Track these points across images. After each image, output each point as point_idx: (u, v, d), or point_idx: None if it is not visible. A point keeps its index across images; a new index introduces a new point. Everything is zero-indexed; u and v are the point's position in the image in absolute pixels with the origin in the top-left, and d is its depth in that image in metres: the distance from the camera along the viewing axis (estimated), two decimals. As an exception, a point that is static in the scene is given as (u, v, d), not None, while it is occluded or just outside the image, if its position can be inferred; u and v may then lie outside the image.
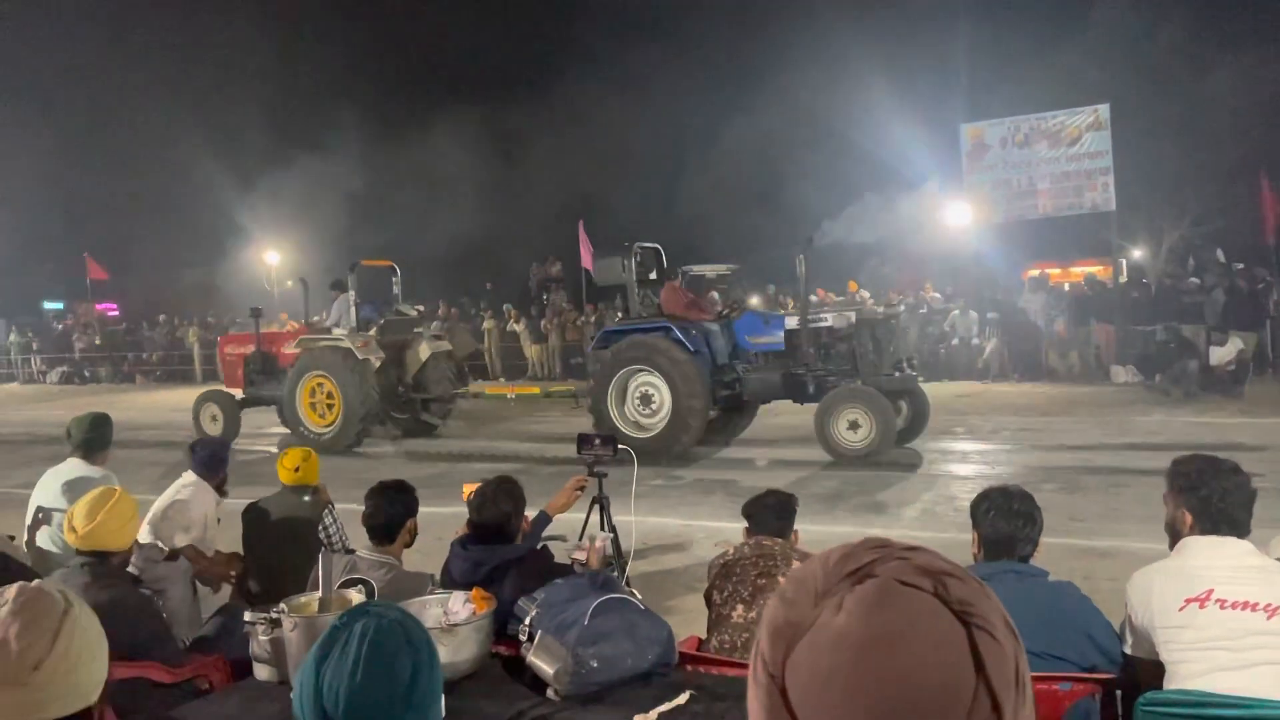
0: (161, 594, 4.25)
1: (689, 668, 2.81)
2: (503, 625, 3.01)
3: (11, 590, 1.65)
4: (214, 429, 13.19)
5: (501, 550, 3.30)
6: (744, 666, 2.83)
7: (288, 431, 13.28)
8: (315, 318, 14.50)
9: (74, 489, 4.27)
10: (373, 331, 13.16)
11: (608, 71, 35.29)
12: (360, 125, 30.02)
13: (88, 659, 1.64)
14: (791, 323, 10.75)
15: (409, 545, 3.60)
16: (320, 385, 12.81)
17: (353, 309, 13.18)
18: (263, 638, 2.88)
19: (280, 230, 27.94)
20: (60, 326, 30.06)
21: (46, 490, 4.62)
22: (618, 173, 31.55)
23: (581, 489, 4.19)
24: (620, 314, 12.01)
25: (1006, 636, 0.73)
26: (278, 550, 4.57)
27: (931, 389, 16.52)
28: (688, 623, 4.49)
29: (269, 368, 14.01)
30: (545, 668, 2.61)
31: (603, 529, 4.24)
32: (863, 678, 0.69)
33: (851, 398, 9.95)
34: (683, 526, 7.51)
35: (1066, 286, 19.71)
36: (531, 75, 37.64)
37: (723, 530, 7.32)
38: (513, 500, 3.42)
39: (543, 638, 2.71)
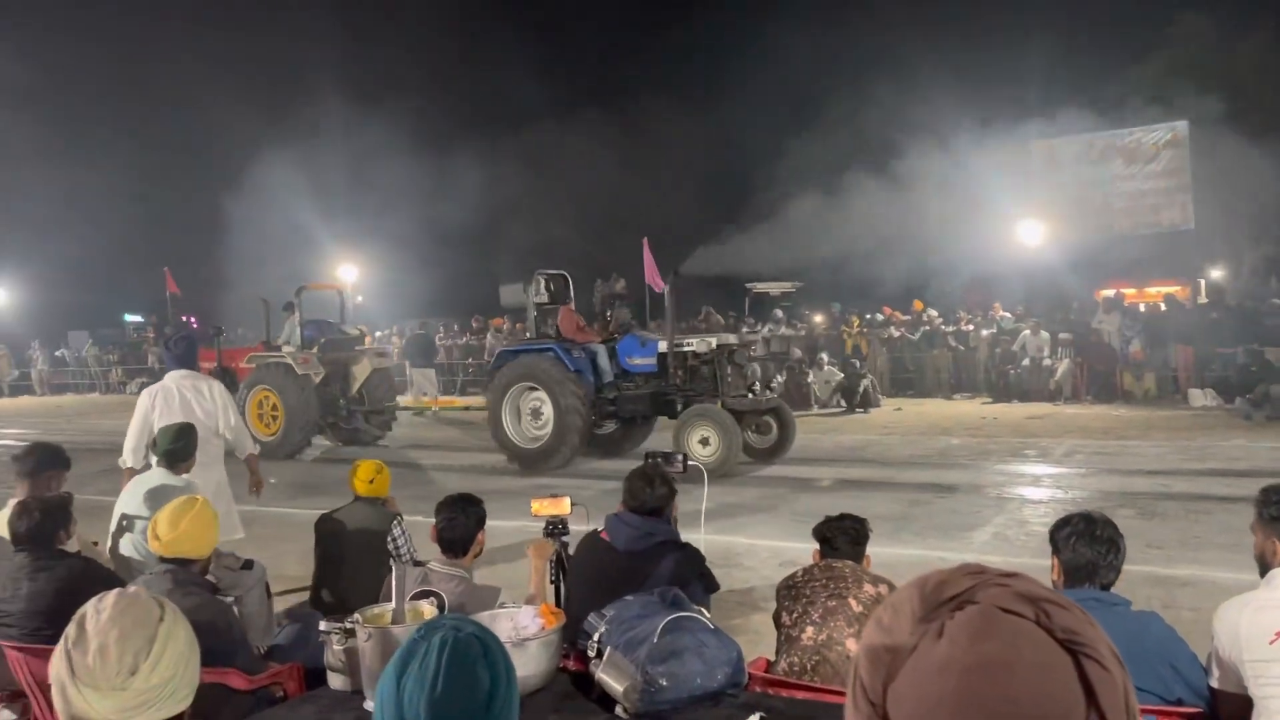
0: (238, 601, 4.35)
1: (758, 689, 2.79)
2: (571, 640, 3.02)
3: (110, 597, 1.72)
4: None
5: (669, 528, 3.40)
6: (814, 690, 2.81)
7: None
8: (278, 337, 15.45)
9: (157, 497, 4.40)
10: (314, 349, 14.42)
11: (673, 86, 35.53)
12: (430, 142, 30.59)
13: (182, 665, 1.70)
14: (663, 346, 11.75)
15: (477, 557, 3.65)
16: (266, 398, 14.00)
17: (298, 328, 14.57)
18: (337, 647, 2.93)
19: (356, 245, 28.54)
20: (138, 338, 31.01)
21: (130, 498, 4.76)
22: (684, 188, 31.66)
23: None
24: (529, 334, 13.15)
25: (1114, 665, 0.72)
26: (352, 561, 4.65)
27: (1001, 410, 16.27)
28: (753, 643, 4.45)
29: (229, 382, 14.35)
30: (614, 685, 2.61)
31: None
32: (969, 706, 0.69)
33: (703, 416, 10.98)
34: (748, 545, 7.46)
35: (1142, 307, 19.22)
36: (595, 91, 38.01)
37: (787, 550, 7.25)
38: (669, 487, 3.51)
39: (612, 654, 2.71)
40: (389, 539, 4.72)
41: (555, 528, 3.97)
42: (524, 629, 2.94)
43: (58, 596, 3.52)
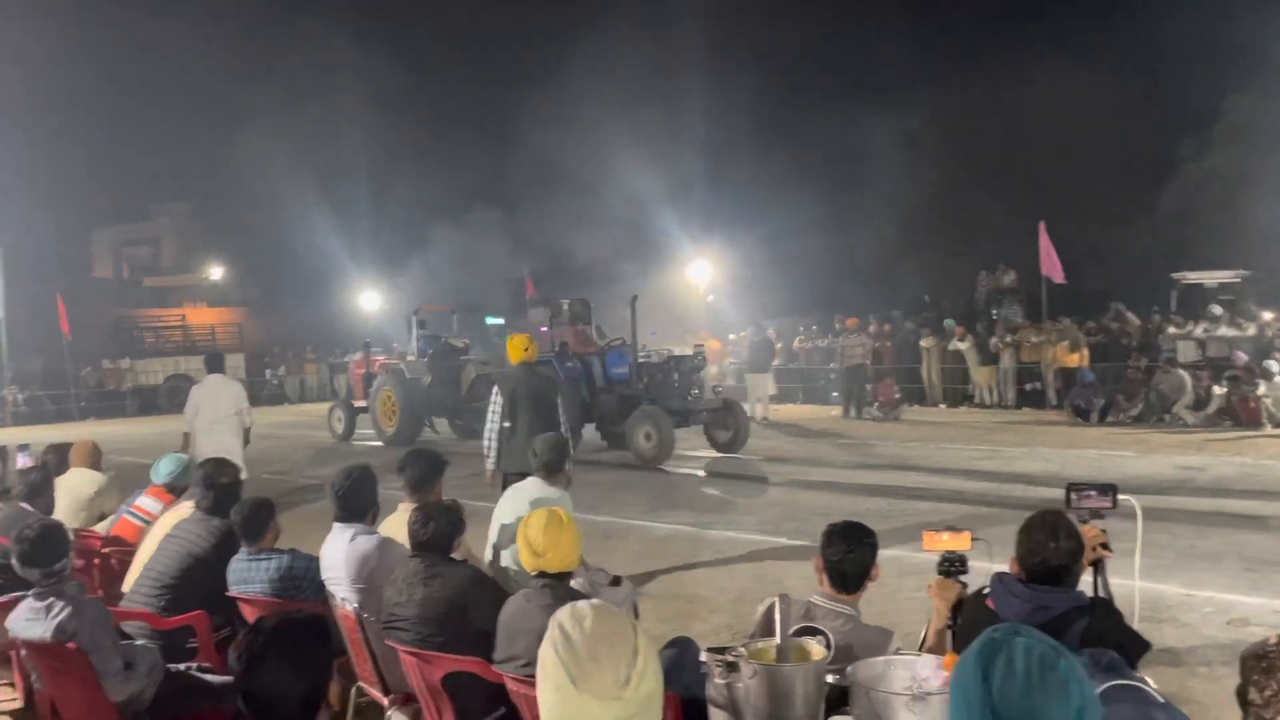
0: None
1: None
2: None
3: (585, 608, 1.97)
4: (338, 428, 20.21)
5: (1071, 595, 3.19)
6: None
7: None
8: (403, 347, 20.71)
9: (535, 509, 4.82)
10: (425, 358, 19.08)
11: (1073, 41, 33.28)
12: (787, 125, 30.99)
13: (653, 673, 1.91)
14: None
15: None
16: (389, 397, 18.80)
17: (414, 340, 19.67)
18: (720, 681, 3.03)
19: (704, 243, 29.61)
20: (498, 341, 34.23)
21: (509, 510, 5.28)
22: (1084, 163, 29.55)
23: (1106, 548, 3.91)
24: (554, 348, 16.48)
25: None
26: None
27: None
28: (1196, 716, 4.07)
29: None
30: (1038, 758, 2.48)
31: (1097, 594, 3.95)
32: None
33: (645, 416, 14.40)
34: (1184, 597, 6.80)
35: None
36: (976, 52, 36.50)
37: (1237, 605, 6.58)
38: (1077, 541, 3.28)
39: (1033, 722, 2.58)
40: None
41: (952, 565, 3.85)
42: (924, 681, 2.88)
43: (448, 604, 3.96)
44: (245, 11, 48.90)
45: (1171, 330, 19.13)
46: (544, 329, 16.91)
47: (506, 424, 7.89)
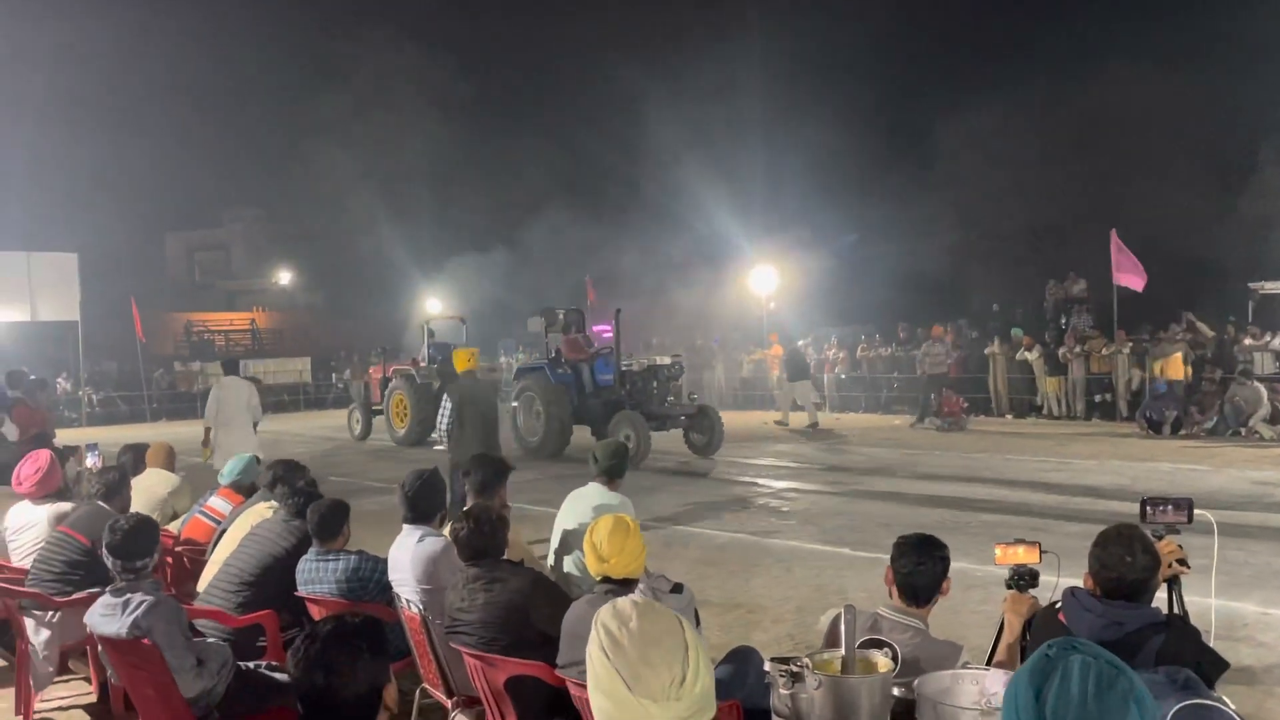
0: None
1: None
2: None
3: (628, 607, 1.96)
4: (356, 428, 21.96)
5: (1147, 612, 3.12)
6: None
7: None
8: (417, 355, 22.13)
9: (597, 514, 4.85)
10: (434, 365, 20.34)
11: (1143, 46, 32.62)
12: (848, 132, 30.78)
13: (706, 667, 1.91)
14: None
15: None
16: (401, 400, 20.24)
17: (425, 347, 21.27)
18: (783, 691, 3.01)
19: (767, 251, 29.47)
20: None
21: (570, 515, 5.31)
22: (1157, 168, 28.91)
23: (1183, 564, 3.82)
24: (550, 355, 18.20)
25: None
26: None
27: None
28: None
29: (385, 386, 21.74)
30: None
31: (1173, 611, 3.86)
32: None
33: (625, 419, 15.65)
34: (1260, 615, 6.63)
35: None
36: (1045, 56, 35.93)
37: (1316, 626, 6.38)
38: (1152, 556, 3.20)
39: (1106, 740, 2.53)
40: None
41: (1022, 579, 3.79)
42: (994, 696, 2.83)
43: (510, 608, 3.99)
44: (314, 23, 49.89)
45: (1248, 341, 18.62)
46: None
47: (454, 421, 9.46)
